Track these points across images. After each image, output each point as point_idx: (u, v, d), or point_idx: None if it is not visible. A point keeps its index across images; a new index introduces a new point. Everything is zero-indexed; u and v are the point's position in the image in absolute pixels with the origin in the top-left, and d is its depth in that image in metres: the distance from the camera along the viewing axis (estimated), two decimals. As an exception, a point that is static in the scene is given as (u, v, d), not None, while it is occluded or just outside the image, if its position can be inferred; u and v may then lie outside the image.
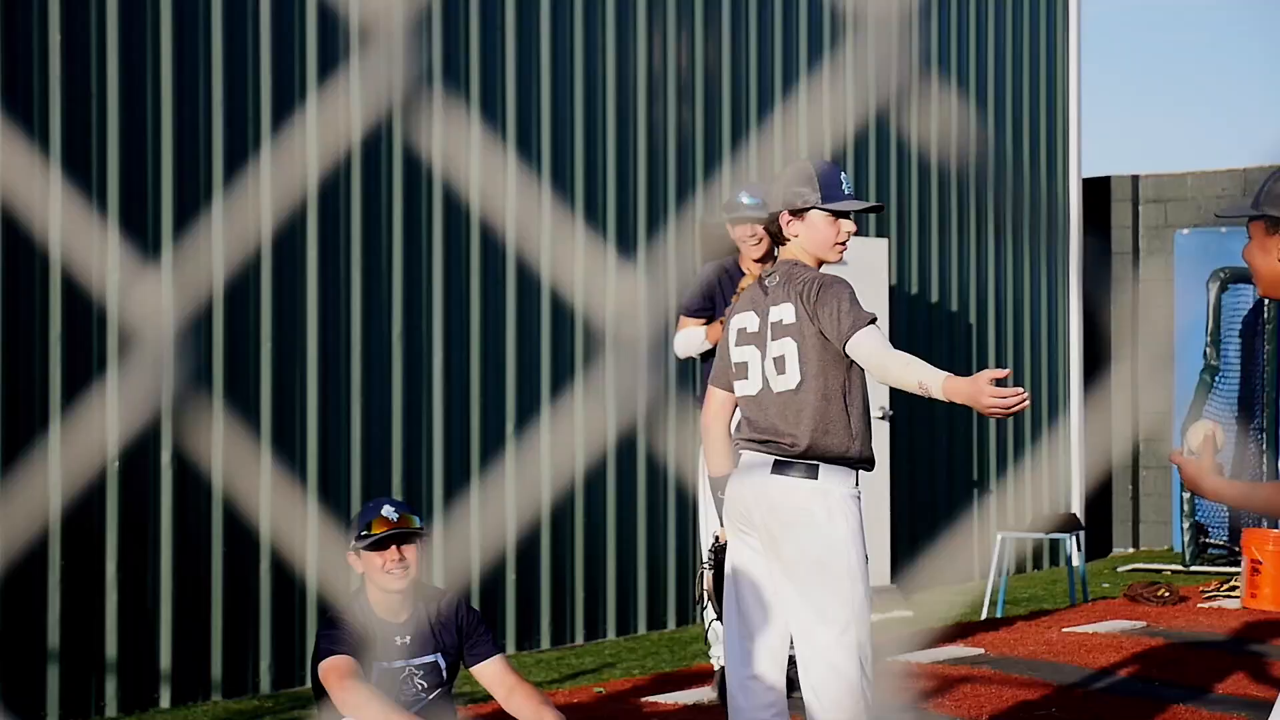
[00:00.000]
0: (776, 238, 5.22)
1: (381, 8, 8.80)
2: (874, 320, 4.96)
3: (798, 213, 5.15)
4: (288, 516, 8.54)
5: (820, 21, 11.52)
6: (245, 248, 8.47)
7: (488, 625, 5.70)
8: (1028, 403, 4.71)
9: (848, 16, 11.47)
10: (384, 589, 5.49)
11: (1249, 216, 4.12)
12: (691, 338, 7.54)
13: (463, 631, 5.60)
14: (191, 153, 8.32)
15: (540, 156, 9.83)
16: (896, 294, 12.06)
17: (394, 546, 5.48)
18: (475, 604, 9.35)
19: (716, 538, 5.37)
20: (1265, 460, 13.60)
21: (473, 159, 9.37)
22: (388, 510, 5.55)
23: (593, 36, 10.15)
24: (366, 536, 5.49)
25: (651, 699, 7.88)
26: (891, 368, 4.88)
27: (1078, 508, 13.35)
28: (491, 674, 5.61)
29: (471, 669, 5.66)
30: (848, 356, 4.99)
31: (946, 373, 4.81)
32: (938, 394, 4.80)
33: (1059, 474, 13.45)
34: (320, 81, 8.75)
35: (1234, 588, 11.00)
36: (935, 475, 12.46)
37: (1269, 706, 4.23)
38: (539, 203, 9.72)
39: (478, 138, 9.40)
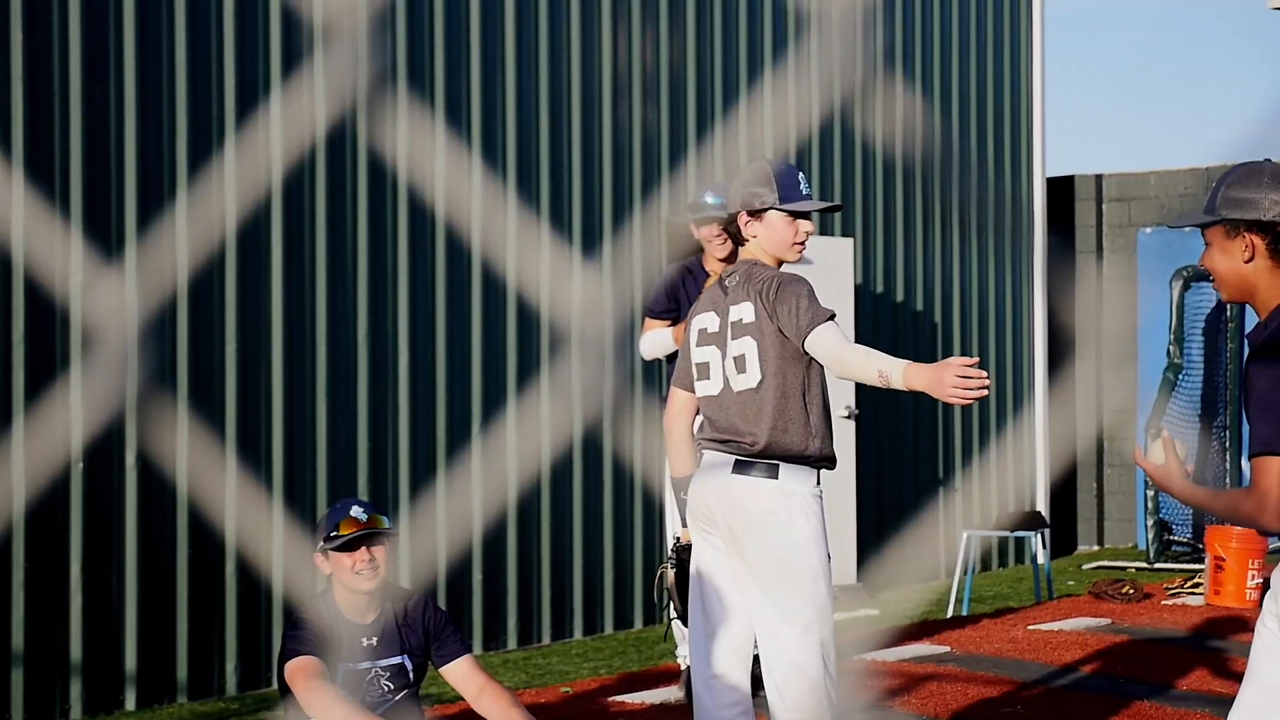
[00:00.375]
0: (736, 238, 5.24)
1: (345, 6, 8.78)
2: (832, 316, 4.98)
3: (756, 213, 5.17)
4: (253, 517, 8.52)
5: (784, 19, 11.53)
6: (209, 247, 8.45)
7: (455, 626, 5.69)
8: (988, 388, 4.69)
9: (812, 14, 11.49)
10: (353, 590, 5.48)
11: (1206, 223, 4.14)
12: (657, 339, 7.53)
13: (430, 632, 5.59)
14: (155, 151, 8.29)
15: (505, 155, 9.82)
16: (861, 293, 12.09)
17: (364, 547, 5.46)
18: (441, 604, 9.34)
19: (678, 538, 5.39)
20: (1228, 458, 13.66)
21: (438, 158, 9.35)
22: (356, 511, 5.53)
23: (557, 35, 10.15)
24: (336, 537, 5.47)
25: (618, 698, 7.88)
26: (850, 360, 4.89)
27: (1042, 505, 13.39)
28: (460, 674, 5.60)
29: (440, 669, 5.65)
30: (807, 354, 5.00)
31: (907, 361, 4.81)
32: (898, 382, 4.78)
33: (1024, 472, 13.49)
34: (284, 80, 8.73)
35: (1198, 585, 11.05)
36: (901, 473, 12.49)
37: (1231, 702, 4.25)
38: (504, 201, 9.71)
39: (442, 137, 9.38)
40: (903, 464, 12.51)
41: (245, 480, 8.53)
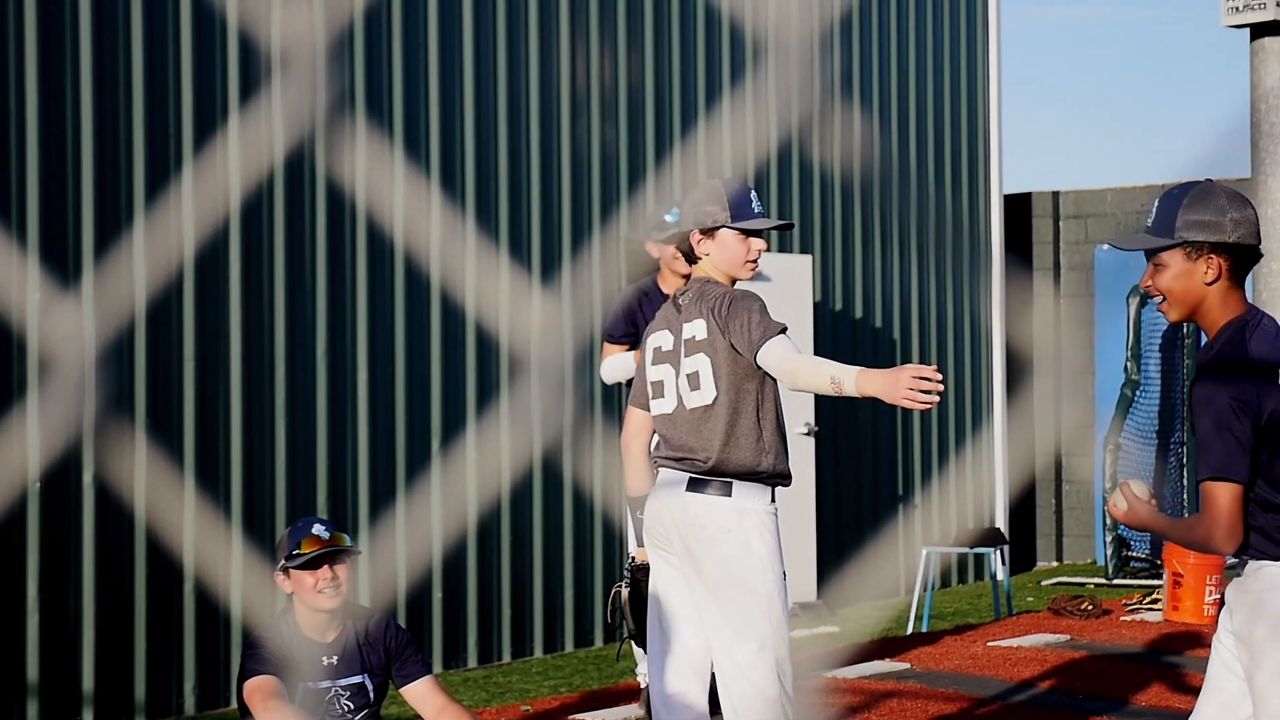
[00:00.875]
0: (689, 256, 5.26)
1: (302, 32, 8.79)
2: (784, 330, 5.00)
3: (708, 231, 5.20)
4: (211, 537, 8.50)
5: (741, 40, 11.57)
6: (167, 271, 8.43)
7: (416, 645, 5.69)
8: (942, 394, 4.70)
9: (769, 35, 11.53)
10: (315, 608, 5.46)
11: (1168, 245, 4.18)
12: (618, 364, 7.40)
13: (390, 652, 5.58)
14: (112, 176, 8.27)
15: (464, 179, 9.83)
16: (821, 310, 12.12)
17: (326, 566, 5.45)
18: (402, 623, 9.32)
19: (633, 558, 5.40)
20: (1185, 474, 13.73)
21: (396, 181, 9.36)
22: (318, 529, 5.52)
23: (516, 57, 10.16)
24: (298, 555, 5.45)
25: (578, 716, 7.88)
26: (802, 371, 4.91)
27: (1002, 522, 13.44)
28: (420, 694, 5.59)
29: (401, 689, 5.65)
30: (759, 369, 5.01)
31: (860, 367, 4.83)
32: (850, 389, 4.79)
33: (983, 488, 13.54)
34: (242, 104, 8.72)
35: (1156, 601, 11.10)
36: (860, 490, 12.52)
37: (1183, 716, 4.27)
38: (462, 225, 9.72)
39: (400, 161, 9.39)
40: (862, 481, 12.54)
41: (203, 501, 8.51)
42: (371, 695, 5.55)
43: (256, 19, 8.74)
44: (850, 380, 4.79)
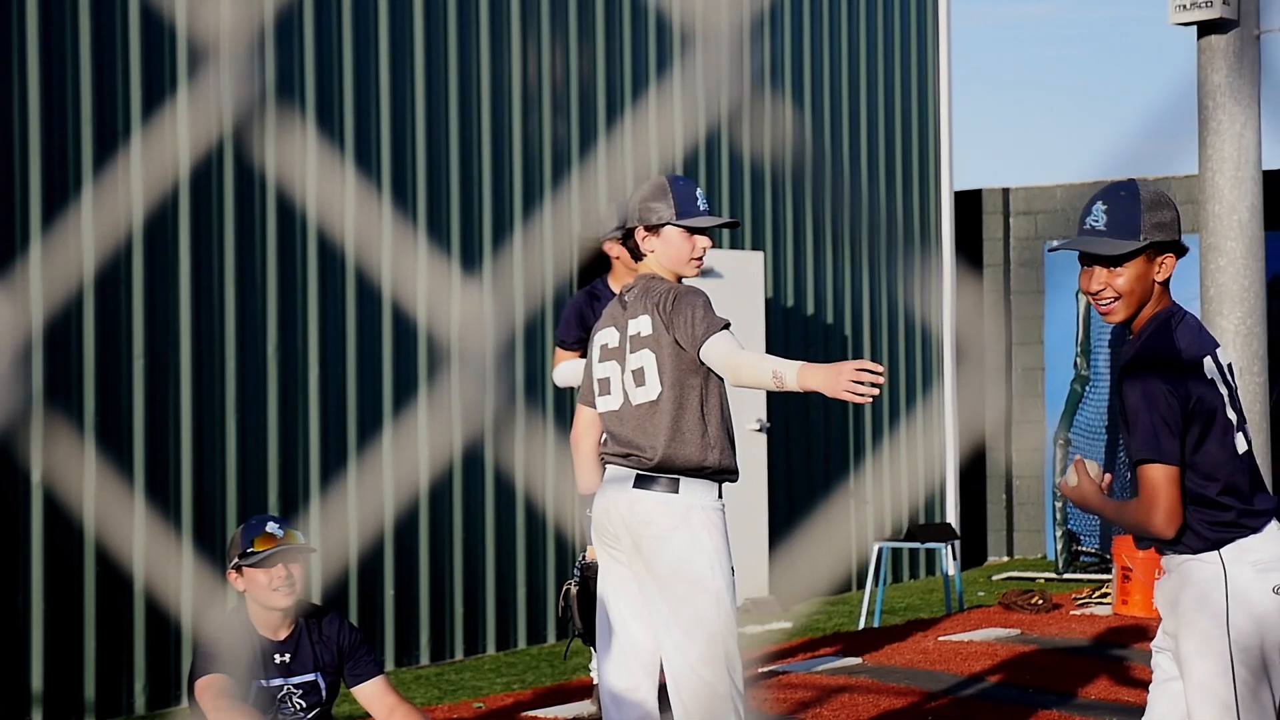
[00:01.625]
0: (634, 253, 5.25)
1: (247, 20, 8.76)
2: (727, 326, 5.00)
3: (653, 228, 5.19)
4: (162, 536, 8.46)
5: (690, 35, 11.57)
6: (115, 249, 8.40)
7: (369, 645, 5.68)
8: (881, 387, 4.70)
9: (717, 30, 11.53)
10: (269, 607, 5.44)
11: (1140, 249, 4.21)
12: (569, 370, 7.29)
13: (344, 650, 5.57)
14: (59, 152, 8.23)
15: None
16: (772, 306, 12.14)
17: (281, 564, 5.43)
18: (354, 619, 9.31)
19: (584, 555, 5.40)
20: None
21: (348, 188, 9.33)
22: (272, 527, 5.50)
23: (462, 50, 10.15)
24: (252, 554, 5.43)
25: (531, 713, 7.88)
26: (744, 366, 4.91)
27: (953, 517, 13.49)
28: (372, 694, 5.58)
29: (352, 689, 5.63)
30: (703, 365, 5.02)
31: (802, 361, 4.84)
32: (792, 382, 4.80)
33: (934, 484, 13.59)
34: (191, 84, 8.69)
35: (1105, 595, 11.16)
36: (813, 486, 12.55)
37: (1135, 710, 4.32)
38: (415, 238, 9.70)
39: (353, 175, 9.37)
40: (814, 476, 12.57)
41: (153, 500, 8.48)
42: (324, 694, 5.54)
43: (195, 11, 8.70)
44: (792, 374, 4.80)
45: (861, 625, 10.64)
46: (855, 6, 13.07)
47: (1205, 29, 12.39)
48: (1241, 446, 4.19)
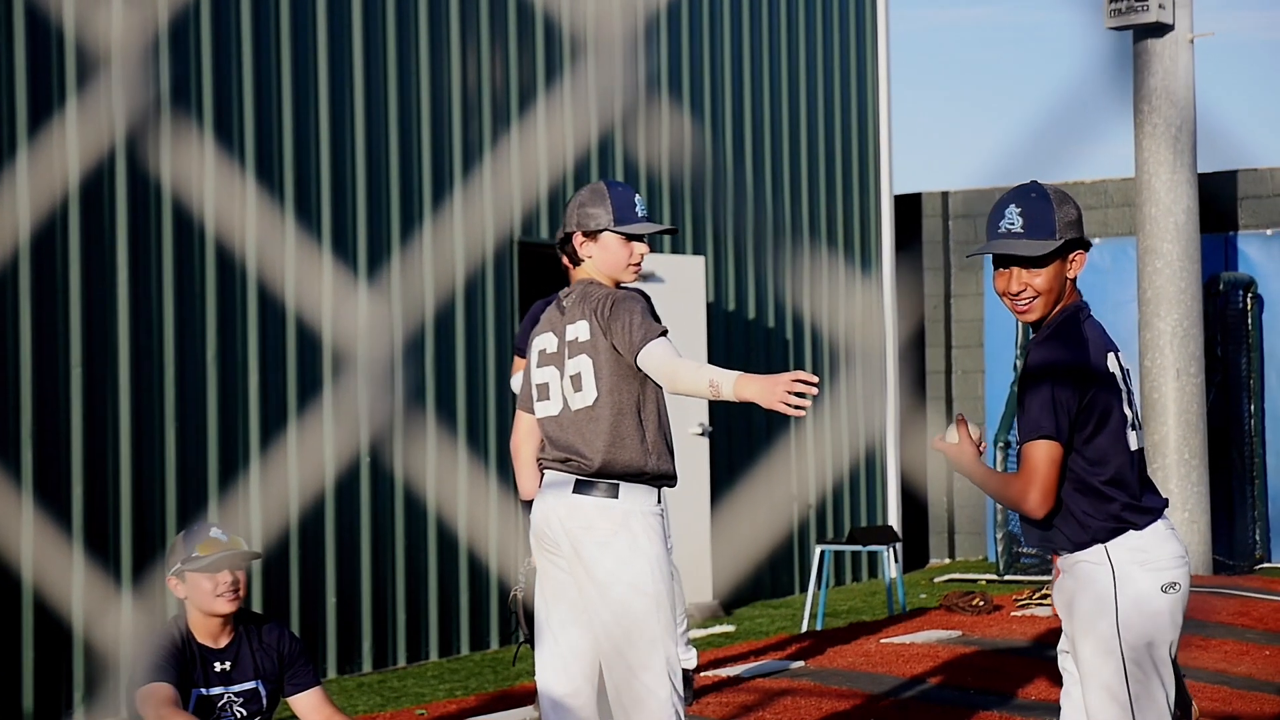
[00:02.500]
0: (572, 258, 5.26)
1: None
2: (665, 332, 5.01)
3: (591, 234, 5.20)
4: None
5: (635, 41, 11.59)
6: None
7: (309, 656, 5.66)
8: (814, 399, 4.73)
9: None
10: (212, 613, 5.41)
11: (1059, 249, 4.28)
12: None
13: (284, 658, 5.54)
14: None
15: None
16: (714, 311, 12.17)
17: (226, 570, 5.40)
18: (295, 627, 9.29)
19: (529, 560, 5.39)
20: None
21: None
22: (215, 533, 5.46)
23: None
24: (197, 559, 5.39)
25: (474, 719, 7.87)
26: (681, 374, 4.91)
27: (894, 520, 13.55)
28: (309, 705, 5.56)
29: (289, 699, 5.61)
30: (640, 370, 5.02)
31: (739, 372, 4.86)
32: (728, 392, 4.81)
33: (876, 487, 13.64)
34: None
35: (1045, 596, 11.21)
36: (755, 490, 12.58)
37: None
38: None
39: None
40: (756, 480, 12.60)
41: (93, 505, 8.44)
42: (265, 702, 5.51)
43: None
44: (729, 384, 4.80)
45: (804, 628, 10.67)
46: (794, 10, 13.11)
47: (1141, 33, 12.48)
48: (1133, 445, 4.27)
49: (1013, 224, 4.31)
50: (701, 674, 8.31)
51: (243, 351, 9.24)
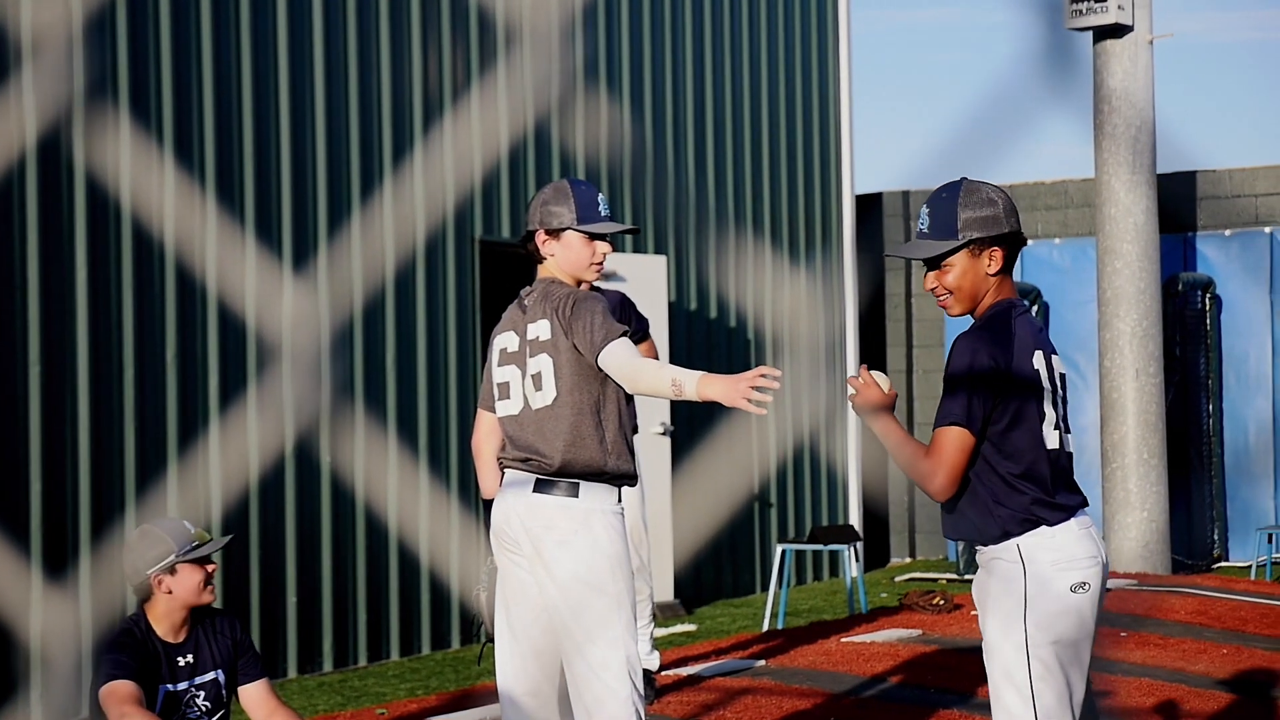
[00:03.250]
0: (534, 256, 5.25)
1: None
2: (625, 333, 5.02)
3: (553, 232, 5.20)
4: (58, 538, 8.39)
5: (594, 38, 11.60)
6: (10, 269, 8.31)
7: (257, 650, 5.71)
8: (775, 389, 4.74)
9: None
10: (196, 604, 5.45)
11: (957, 248, 4.34)
12: None
13: (238, 645, 5.59)
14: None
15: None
16: (676, 310, 12.18)
17: (210, 559, 5.48)
18: (256, 626, 9.28)
19: (491, 559, 5.39)
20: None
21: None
22: (186, 524, 5.52)
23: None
24: (196, 548, 5.43)
25: (436, 719, 7.86)
26: (643, 374, 4.92)
27: (855, 519, 13.58)
28: (256, 696, 5.60)
29: (237, 688, 5.63)
30: (601, 370, 5.03)
31: (701, 371, 4.87)
32: (691, 392, 4.81)
33: (837, 486, 13.67)
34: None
35: (1005, 594, 11.24)
36: (716, 489, 12.59)
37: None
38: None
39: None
40: (718, 480, 12.61)
41: (50, 503, 8.41)
42: (224, 692, 5.54)
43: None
44: (692, 384, 4.81)
45: (765, 627, 10.69)
46: (756, 10, 13.13)
47: (1101, 34, 12.54)
48: (1052, 443, 4.31)
49: (923, 225, 4.42)
50: (662, 673, 8.32)
51: (202, 351, 9.22)
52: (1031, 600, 4.25)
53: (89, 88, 8.74)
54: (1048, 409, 4.31)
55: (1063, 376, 4.42)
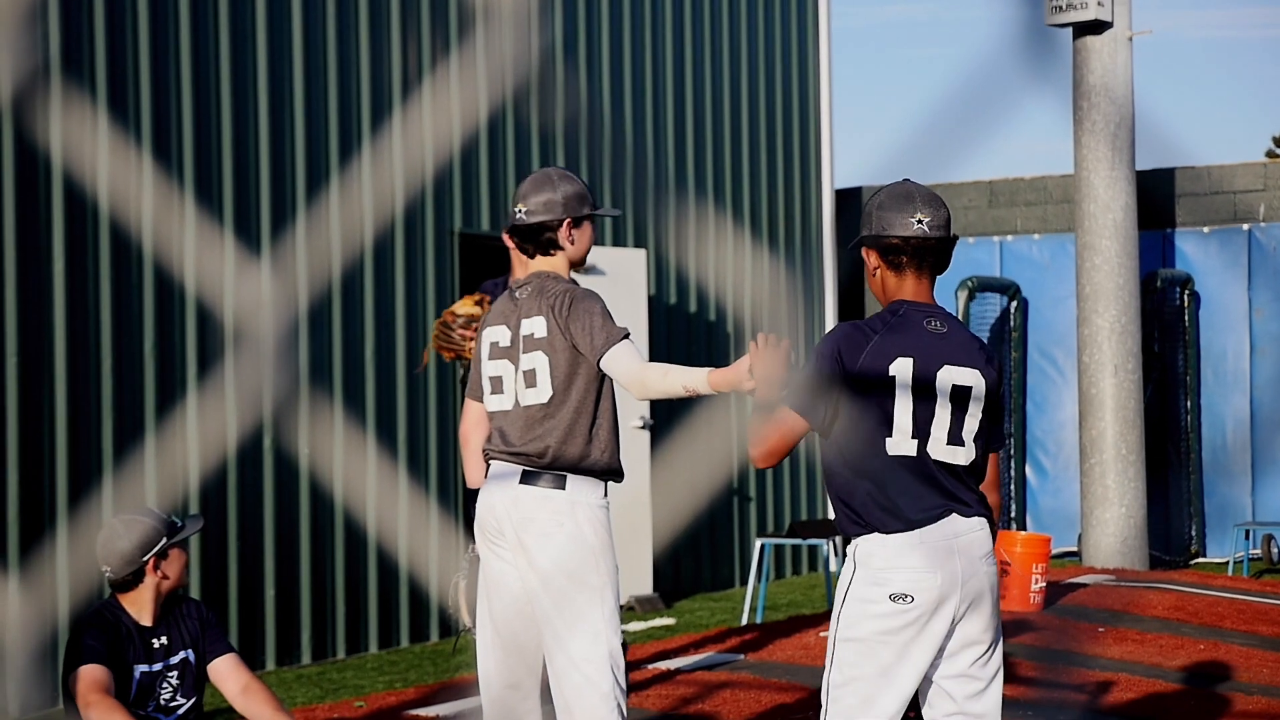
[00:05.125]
0: (541, 247, 5.16)
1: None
2: (627, 335, 5.00)
3: (578, 221, 5.16)
4: (35, 530, 8.37)
5: (574, 26, 11.59)
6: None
7: (221, 625, 5.79)
8: (788, 349, 4.72)
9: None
10: (179, 586, 5.56)
11: (851, 248, 4.45)
12: None
13: (204, 622, 5.65)
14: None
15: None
16: (655, 304, 12.18)
17: (185, 544, 5.59)
18: (234, 619, 9.27)
19: (472, 549, 5.38)
20: (1013, 465, 13.97)
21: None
22: (159, 512, 5.62)
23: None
24: (184, 530, 5.56)
25: (414, 712, 7.85)
26: (650, 381, 4.90)
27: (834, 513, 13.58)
28: (225, 670, 5.63)
29: (207, 665, 5.66)
30: (597, 369, 5.01)
31: (707, 369, 4.85)
32: (705, 391, 4.83)
33: (816, 481, 13.68)
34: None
35: (983, 589, 11.26)
36: (695, 483, 12.59)
37: (1008, 703, 4.39)
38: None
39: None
40: (696, 473, 12.62)
41: (29, 495, 8.39)
42: (195, 670, 5.58)
43: None
44: (702, 383, 4.81)
45: (744, 621, 10.70)
46: (736, 5, 13.13)
47: (1080, 30, 12.57)
48: (899, 451, 4.30)
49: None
50: (642, 667, 8.32)
51: (180, 343, 9.20)
52: (849, 599, 4.32)
53: (64, 78, 8.71)
54: (901, 417, 4.28)
55: (965, 389, 4.34)
